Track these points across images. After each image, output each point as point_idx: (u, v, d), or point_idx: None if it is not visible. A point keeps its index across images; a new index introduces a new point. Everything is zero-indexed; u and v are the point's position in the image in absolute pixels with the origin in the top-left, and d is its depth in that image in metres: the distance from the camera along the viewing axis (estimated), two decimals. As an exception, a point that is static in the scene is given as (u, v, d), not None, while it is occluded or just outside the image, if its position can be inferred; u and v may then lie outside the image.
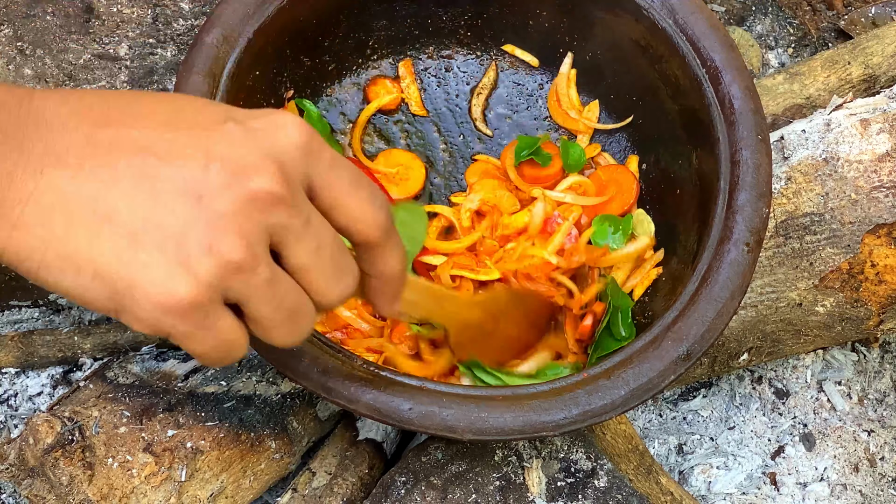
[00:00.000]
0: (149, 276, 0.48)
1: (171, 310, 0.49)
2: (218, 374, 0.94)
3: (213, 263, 0.48)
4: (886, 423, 1.13)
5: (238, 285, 0.50)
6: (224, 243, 0.48)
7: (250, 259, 0.49)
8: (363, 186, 0.55)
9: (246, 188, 0.49)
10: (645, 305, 0.93)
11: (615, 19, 0.94)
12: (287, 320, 0.53)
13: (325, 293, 0.54)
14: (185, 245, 0.48)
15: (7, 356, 1.02)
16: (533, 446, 0.88)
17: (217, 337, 0.51)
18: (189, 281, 0.48)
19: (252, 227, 0.49)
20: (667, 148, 0.96)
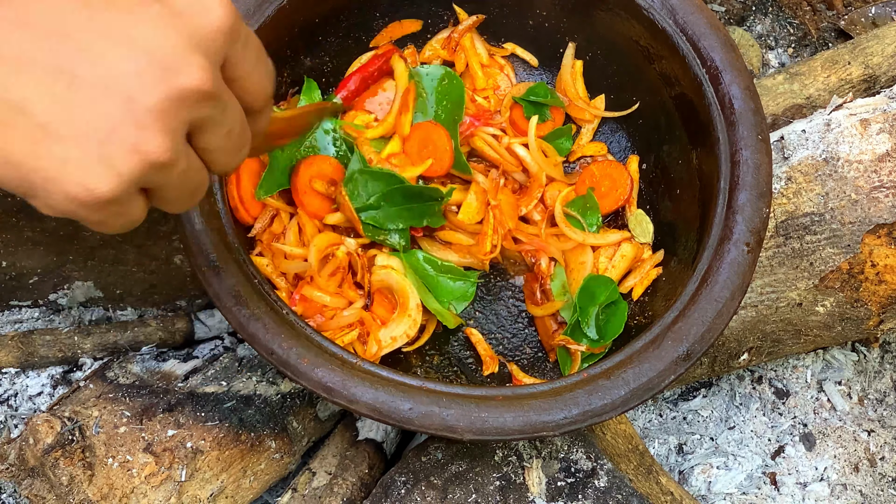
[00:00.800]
0: (66, 171, 0.47)
1: (88, 203, 0.48)
2: (218, 374, 0.94)
3: (137, 161, 0.48)
4: (886, 423, 1.13)
5: (157, 179, 0.50)
6: (151, 143, 0.48)
7: (173, 157, 0.49)
8: (264, 60, 0.56)
9: (174, 85, 0.48)
10: (645, 305, 0.93)
11: (615, 19, 0.94)
12: (189, 198, 0.54)
13: (226, 167, 0.55)
14: (109, 142, 0.47)
15: (7, 356, 1.02)
16: (533, 446, 0.88)
17: (125, 220, 0.52)
18: (111, 178, 0.48)
19: (178, 124, 0.49)
20: (667, 148, 0.96)
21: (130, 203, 0.50)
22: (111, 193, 0.48)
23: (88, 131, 0.47)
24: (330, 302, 0.88)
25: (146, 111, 0.47)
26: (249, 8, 0.87)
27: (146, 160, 0.48)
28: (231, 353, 0.98)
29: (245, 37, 0.53)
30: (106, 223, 0.51)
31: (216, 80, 0.50)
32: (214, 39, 0.50)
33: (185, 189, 0.53)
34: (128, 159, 0.48)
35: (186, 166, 0.51)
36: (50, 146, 0.47)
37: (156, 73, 0.47)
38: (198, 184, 0.54)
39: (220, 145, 0.53)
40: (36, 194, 0.48)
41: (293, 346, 0.74)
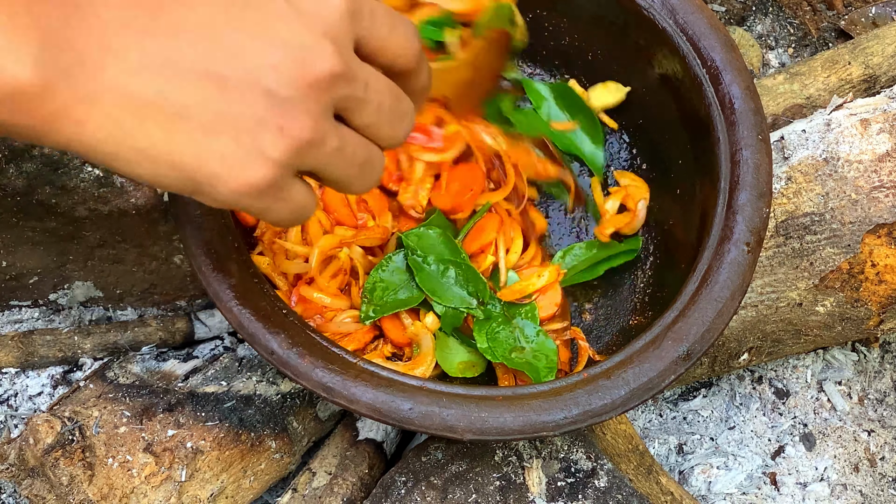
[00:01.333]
0: (226, 165, 0.52)
1: (250, 192, 0.53)
2: (218, 374, 0.94)
3: (285, 144, 0.52)
4: (886, 423, 1.13)
5: (311, 159, 0.55)
6: (294, 125, 0.52)
7: (319, 134, 0.53)
8: (398, 24, 0.59)
9: (310, 74, 0.52)
10: (645, 305, 0.93)
11: (614, 19, 0.94)
12: (360, 174, 0.58)
13: (392, 139, 0.59)
14: (258, 133, 0.52)
15: (7, 356, 1.02)
16: (533, 446, 0.88)
17: (291, 206, 0.56)
18: (264, 164, 0.53)
19: (318, 107, 0.53)
20: (667, 147, 0.96)
21: (290, 187, 0.55)
22: (268, 179, 0.53)
23: (240, 126, 0.52)
24: (330, 303, 0.88)
25: (285, 100, 0.52)
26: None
27: (293, 141, 0.53)
28: (231, 353, 0.98)
29: (370, 11, 0.57)
30: (271, 209, 0.56)
31: (347, 61, 0.54)
32: (339, 25, 0.54)
33: (350, 166, 0.57)
34: (277, 144, 0.52)
35: (340, 144, 0.55)
36: (209, 145, 0.52)
37: (290, 64, 0.52)
38: (364, 159, 0.58)
39: (375, 120, 0.57)
40: (202, 191, 0.53)
41: (293, 346, 0.74)
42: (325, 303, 0.87)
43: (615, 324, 0.94)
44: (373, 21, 0.57)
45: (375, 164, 0.59)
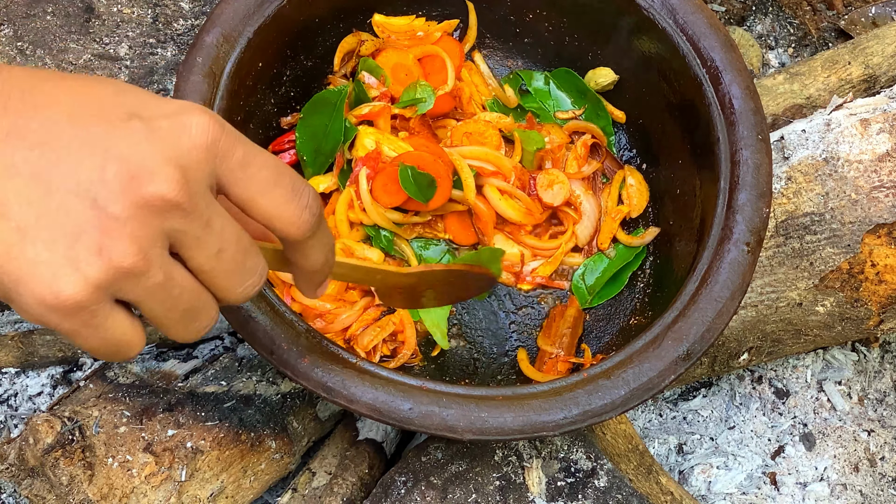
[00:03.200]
0: (36, 272, 0.48)
1: (56, 308, 0.49)
2: (218, 374, 0.94)
3: (102, 266, 0.48)
4: (886, 423, 1.13)
5: (129, 288, 0.50)
6: (115, 248, 0.48)
7: (141, 264, 0.49)
8: (281, 184, 0.54)
9: (140, 193, 0.49)
10: (645, 305, 0.93)
11: (615, 19, 0.94)
12: (183, 319, 0.53)
13: (227, 293, 0.54)
14: (76, 246, 0.48)
15: (7, 356, 1.02)
16: (533, 446, 0.88)
17: (105, 336, 0.51)
18: (76, 282, 0.48)
19: (146, 232, 0.49)
20: (667, 148, 0.96)
21: (104, 314, 0.50)
22: (77, 297, 0.48)
23: (58, 235, 0.48)
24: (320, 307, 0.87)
25: (112, 218, 0.48)
26: (250, 8, 0.87)
27: (110, 264, 0.48)
28: (231, 352, 0.98)
29: (241, 159, 0.52)
30: (81, 334, 0.51)
31: (190, 193, 0.50)
32: (190, 155, 0.50)
33: (173, 308, 0.52)
34: (93, 262, 0.48)
35: (164, 280, 0.51)
36: (23, 248, 0.48)
37: (123, 181, 0.48)
38: (191, 305, 0.53)
39: (213, 266, 0.52)
40: (11, 297, 0.49)
41: (293, 346, 0.74)
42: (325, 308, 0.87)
43: (615, 324, 0.94)
44: (243, 168, 0.52)
45: (205, 313, 0.54)
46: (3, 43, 1.00)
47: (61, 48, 1.01)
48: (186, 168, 0.50)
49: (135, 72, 1.02)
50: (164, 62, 1.03)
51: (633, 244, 0.96)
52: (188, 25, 1.05)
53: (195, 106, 0.52)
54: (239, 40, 0.86)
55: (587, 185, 0.98)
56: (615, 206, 0.97)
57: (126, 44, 1.03)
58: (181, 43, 1.04)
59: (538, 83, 1.01)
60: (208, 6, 1.06)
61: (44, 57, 1.00)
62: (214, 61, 0.84)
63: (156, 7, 1.05)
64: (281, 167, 0.54)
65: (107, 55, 1.02)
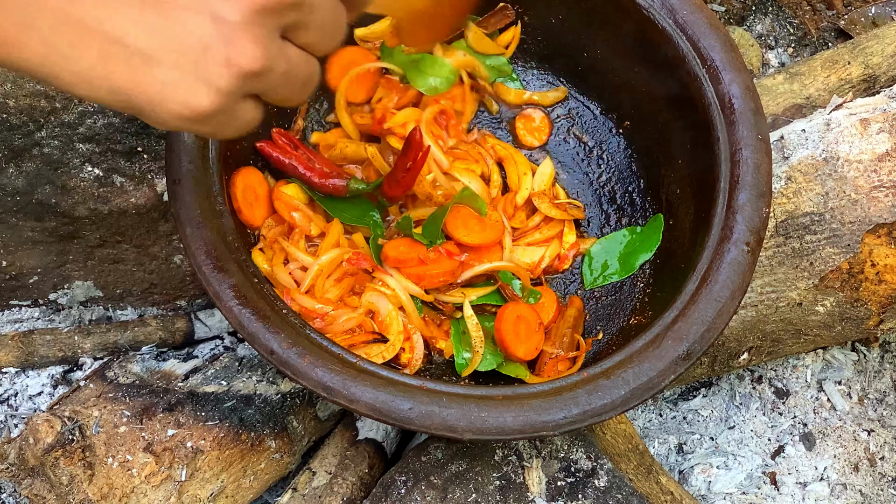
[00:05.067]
0: (168, 92, 0.51)
1: (194, 118, 0.52)
2: (218, 374, 0.94)
3: (232, 74, 0.51)
4: (886, 422, 1.13)
5: (259, 85, 0.53)
6: (242, 55, 0.51)
7: (267, 63, 0.52)
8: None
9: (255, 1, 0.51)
10: (645, 305, 0.93)
11: (615, 18, 0.94)
12: (302, 90, 0.57)
13: (329, 49, 0.58)
14: (204, 60, 0.51)
15: (7, 356, 1.02)
16: (533, 446, 0.88)
17: (237, 124, 0.55)
18: (211, 93, 0.51)
19: (265, 33, 0.52)
20: (667, 148, 0.96)
21: (238, 110, 0.54)
22: (213, 107, 0.52)
23: (183, 53, 0.51)
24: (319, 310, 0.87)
25: (233, 27, 0.51)
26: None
27: (241, 72, 0.51)
28: (231, 352, 0.98)
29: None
30: (220, 131, 0.55)
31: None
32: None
33: (294, 84, 0.56)
34: (224, 74, 0.51)
35: (287, 67, 0.54)
36: (149, 71, 0.51)
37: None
38: (307, 74, 0.57)
39: (318, 38, 0.56)
40: (145, 114, 0.52)
41: (293, 346, 0.74)
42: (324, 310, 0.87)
43: (615, 324, 0.94)
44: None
45: (314, 77, 0.58)
46: (3, 43, 0.99)
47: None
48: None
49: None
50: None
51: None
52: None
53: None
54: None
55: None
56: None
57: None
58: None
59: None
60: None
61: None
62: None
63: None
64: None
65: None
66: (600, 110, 1.03)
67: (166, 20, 0.50)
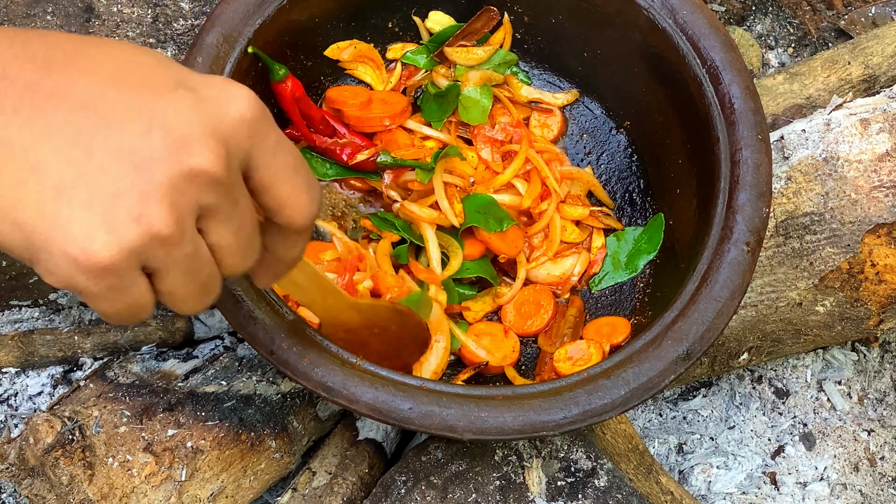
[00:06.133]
0: (70, 231, 0.48)
1: (87, 269, 0.48)
2: (218, 374, 0.94)
3: (139, 231, 0.48)
4: (886, 422, 1.13)
5: (160, 256, 0.50)
6: (154, 214, 0.48)
7: (177, 233, 0.49)
8: (300, 174, 0.54)
9: (185, 163, 0.48)
10: (645, 305, 0.93)
11: (615, 18, 0.94)
12: (196, 292, 0.53)
13: (233, 269, 0.54)
14: (114, 208, 0.48)
15: (7, 356, 1.02)
16: (533, 446, 0.88)
17: (125, 301, 0.51)
18: (111, 243, 0.48)
19: (185, 203, 0.49)
20: (667, 148, 0.96)
21: (130, 279, 0.50)
22: (109, 259, 0.48)
23: (95, 196, 0.47)
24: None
25: (153, 183, 0.48)
26: (250, 8, 0.87)
27: (147, 231, 0.48)
28: (231, 352, 0.98)
29: (275, 143, 0.53)
30: (105, 298, 0.50)
31: (229, 168, 0.50)
32: (235, 130, 0.50)
33: (193, 280, 0.52)
34: (129, 226, 0.48)
35: (192, 251, 0.51)
36: (57, 207, 0.47)
37: (168, 149, 0.48)
38: (207, 279, 0.53)
39: (229, 242, 0.53)
40: (38, 257, 0.49)
41: (293, 346, 0.74)
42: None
43: (615, 323, 0.94)
44: (274, 154, 0.53)
45: (214, 288, 0.54)
46: (4, 43, 1.00)
47: (61, 48, 1.01)
48: (229, 143, 0.50)
49: (135, 72, 1.02)
50: (164, 62, 1.03)
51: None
52: (188, 25, 1.05)
53: (239, 83, 0.52)
54: (239, 40, 0.86)
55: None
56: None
57: (126, 44, 1.03)
58: (181, 43, 1.04)
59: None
60: (208, 6, 1.06)
61: (44, 57, 1.00)
62: (214, 61, 0.84)
63: (156, 7, 1.05)
64: (301, 157, 0.55)
65: (107, 55, 1.02)
66: (600, 110, 1.03)
67: (90, 159, 0.48)
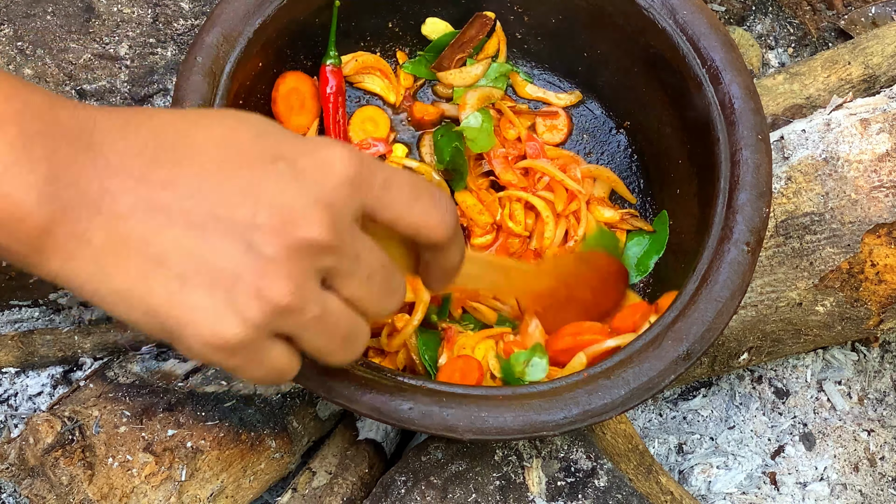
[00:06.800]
0: (198, 317, 0.51)
1: (219, 348, 0.51)
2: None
3: (260, 307, 0.51)
4: (886, 422, 1.13)
5: (288, 325, 0.52)
6: (272, 288, 0.50)
7: (298, 301, 0.51)
8: (422, 197, 0.57)
9: (294, 237, 0.51)
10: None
11: (616, 18, 0.94)
12: (342, 346, 0.56)
13: (377, 313, 0.57)
14: (234, 290, 0.50)
15: (7, 356, 1.02)
16: (533, 446, 0.88)
17: (266, 367, 0.54)
18: (237, 323, 0.51)
19: (300, 272, 0.51)
20: (667, 148, 0.96)
21: (265, 349, 0.53)
22: (239, 338, 0.51)
23: (216, 280, 0.50)
24: None
25: (267, 260, 0.51)
26: (250, 7, 0.87)
27: (269, 305, 0.51)
28: (231, 352, 0.98)
29: (383, 184, 0.55)
30: (245, 368, 0.53)
31: (339, 232, 0.52)
32: (336, 193, 0.53)
33: (331, 337, 0.55)
34: (253, 306, 0.51)
35: (320, 312, 0.53)
36: (184, 296, 0.50)
37: (276, 224, 0.51)
38: (348, 331, 0.55)
39: (364, 293, 0.55)
40: (176, 339, 0.52)
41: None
42: None
43: (615, 323, 0.94)
44: (386, 191, 0.55)
45: (359, 337, 0.57)
46: (3, 43, 1.00)
47: (61, 48, 1.01)
48: (333, 206, 0.52)
49: (135, 71, 1.02)
50: (164, 62, 1.03)
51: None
52: (188, 25, 1.05)
53: (333, 141, 0.54)
54: (239, 40, 0.86)
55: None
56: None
57: (126, 43, 1.03)
58: (181, 43, 1.04)
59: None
60: (208, 6, 1.06)
61: (44, 56, 1.00)
62: (214, 61, 0.84)
63: (156, 7, 1.05)
64: (416, 181, 0.57)
65: (107, 55, 1.02)
66: (600, 110, 1.03)
67: (205, 245, 0.51)
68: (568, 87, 1.03)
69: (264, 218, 0.51)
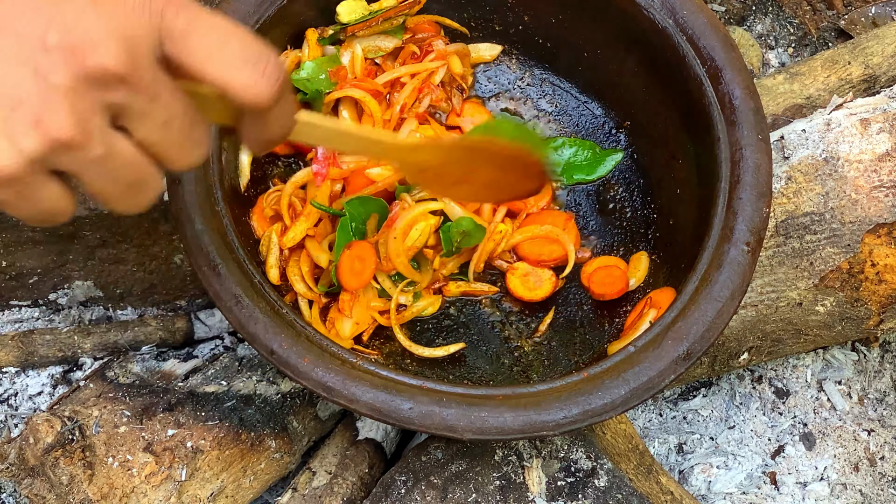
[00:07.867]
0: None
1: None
2: (218, 374, 0.94)
3: (38, 139, 0.47)
4: (886, 422, 1.13)
5: (67, 162, 0.49)
6: (53, 119, 0.47)
7: (80, 137, 0.48)
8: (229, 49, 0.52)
9: (83, 65, 0.47)
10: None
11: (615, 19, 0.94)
12: (126, 192, 0.52)
13: (174, 163, 0.53)
14: (13, 116, 0.47)
15: (7, 356, 1.02)
16: (533, 446, 0.88)
17: (38, 206, 0.50)
18: (11, 153, 0.47)
19: (86, 105, 0.48)
20: (667, 148, 0.96)
21: (38, 185, 0.49)
22: (10, 169, 0.47)
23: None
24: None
25: (53, 87, 0.47)
26: (250, 6, 0.87)
27: (48, 137, 0.47)
28: (231, 352, 0.98)
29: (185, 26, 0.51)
30: (14, 205, 0.50)
31: (136, 66, 0.48)
32: (138, 27, 0.49)
33: (116, 180, 0.51)
34: (30, 135, 0.47)
35: (105, 152, 0.49)
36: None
37: (66, 50, 0.47)
38: (136, 177, 0.51)
39: (159, 138, 0.51)
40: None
41: (293, 346, 0.74)
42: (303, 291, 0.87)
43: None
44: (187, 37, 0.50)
45: (149, 186, 0.52)
46: (3, 43, 1.00)
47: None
48: (131, 39, 0.48)
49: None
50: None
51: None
52: (188, 25, 1.05)
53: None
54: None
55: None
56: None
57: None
58: (181, 43, 1.04)
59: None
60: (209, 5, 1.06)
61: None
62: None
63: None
64: (231, 30, 0.52)
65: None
66: (600, 110, 1.03)
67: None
68: (567, 87, 1.03)
69: (54, 42, 0.47)
